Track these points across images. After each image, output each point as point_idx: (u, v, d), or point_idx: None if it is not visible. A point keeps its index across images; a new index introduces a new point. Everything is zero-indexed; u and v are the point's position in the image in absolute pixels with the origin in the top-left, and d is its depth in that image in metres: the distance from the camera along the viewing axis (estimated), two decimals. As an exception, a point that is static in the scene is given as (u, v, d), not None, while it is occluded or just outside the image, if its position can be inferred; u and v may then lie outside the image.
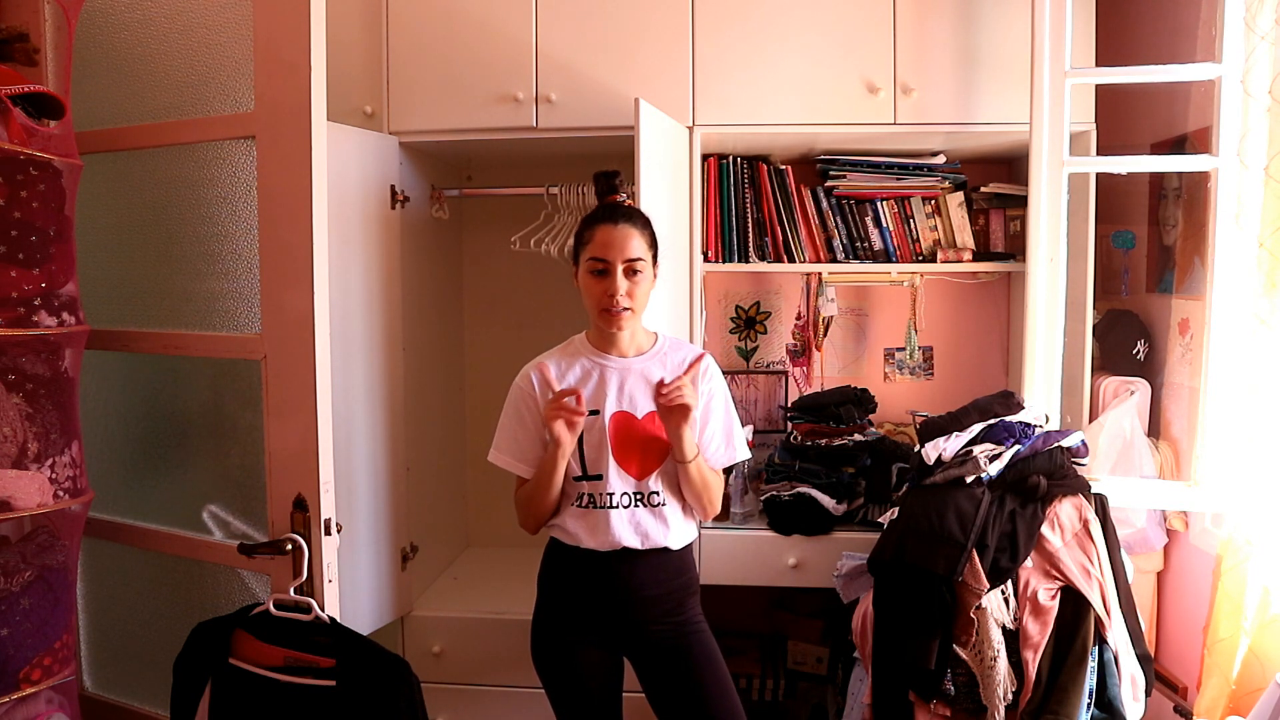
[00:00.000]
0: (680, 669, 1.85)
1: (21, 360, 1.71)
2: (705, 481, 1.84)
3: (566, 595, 1.86)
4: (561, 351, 1.91)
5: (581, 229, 1.85)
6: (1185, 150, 2.28)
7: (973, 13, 2.42)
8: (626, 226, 1.79)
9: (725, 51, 2.46)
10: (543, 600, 1.91)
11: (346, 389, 2.25)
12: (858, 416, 2.59)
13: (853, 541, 2.41)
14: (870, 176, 2.71)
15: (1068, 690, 1.82)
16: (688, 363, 1.87)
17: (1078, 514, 1.94)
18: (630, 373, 1.85)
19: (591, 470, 1.82)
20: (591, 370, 1.85)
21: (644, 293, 1.82)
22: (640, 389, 1.84)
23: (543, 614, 1.90)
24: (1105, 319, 2.53)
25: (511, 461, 1.88)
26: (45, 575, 1.74)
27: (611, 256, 1.77)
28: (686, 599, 1.89)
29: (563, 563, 1.87)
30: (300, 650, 1.66)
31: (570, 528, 1.83)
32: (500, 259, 2.96)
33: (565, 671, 1.86)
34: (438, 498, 2.87)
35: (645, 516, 1.82)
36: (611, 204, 1.86)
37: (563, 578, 1.87)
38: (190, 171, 1.89)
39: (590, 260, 1.79)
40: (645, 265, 1.80)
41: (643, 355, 1.87)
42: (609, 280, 1.77)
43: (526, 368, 1.90)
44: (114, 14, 1.93)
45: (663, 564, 1.85)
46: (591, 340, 1.89)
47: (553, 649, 1.87)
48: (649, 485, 1.83)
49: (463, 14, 2.49)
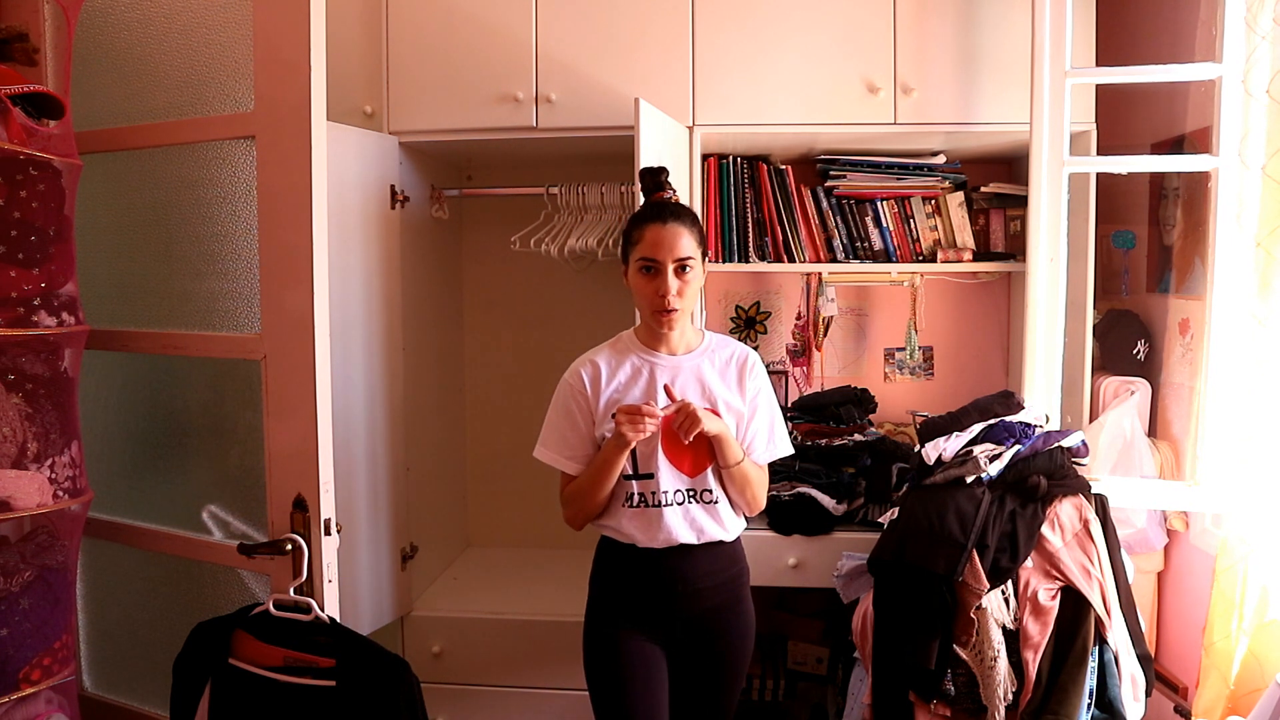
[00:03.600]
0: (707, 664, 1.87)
1: (21, 360, 1.71)
2: (747, 478, 1.85)
3: (621, 590, 1.86)
4: (611, 349, 1.90)
5: (630, 228, 1.83)
6: (1185, 150, 2.28)
7: (973, 13, 2.42)
8: (676, 225, 1.78)
9: (725, 51, 2.46)
10: (596, 597, 1.91)
11: (346, 389, 2.25)
12: (858, 416, 2.59)
13: (853, 541, 2.41)
14: (870, 176, 2.71)
15: (1068, 690, 1.82)
16: (735, 362, 1.88)
17: (1078, 514, 1.94)
18: (681, 371, 1.85)
19: (643, 469, 1.81)
20: (641, 368, 1.85)
21: (694, 291, 1.82)
22: (691, 386, 1.84)
23: (596, 609, 1.90)
24: (1105, 319, 2.53)
25: (559, 459, 1.86)
26: (45, 575, 1.74)
27: (661, 256, 1.76)
28: (740, 590, 1.90)
29: (617, 561, 1.87)
30: (300, 650, 1.66)
31: (625, 528, 1.83)
32: (500, 259, 2.96)
33: (611, 657, 1.84)
34: (438, 498, 2.87)
35: (699, 513, 1.83)
36: (659, 202, 1.84)
37: (617, 575, 1.87)
38: (190, 171, 1.88)
39: (640, 260, 1.78)
40: (695, 264, 1.80)
41: (692, 353, 1.87)
42: (660, 280, 1.77)
43: (576, 364, 1.89)
44: (114, 14, 1.93)
45: (717, 555, 1.86)
46: (641, 338, 1.88)
47: (603, 638, 1.86)
48: (702, 482, 1.83)
49: (463, 14, 2.49)
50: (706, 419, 1.75)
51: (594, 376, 1.84)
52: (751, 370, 1.89)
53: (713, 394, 1.84)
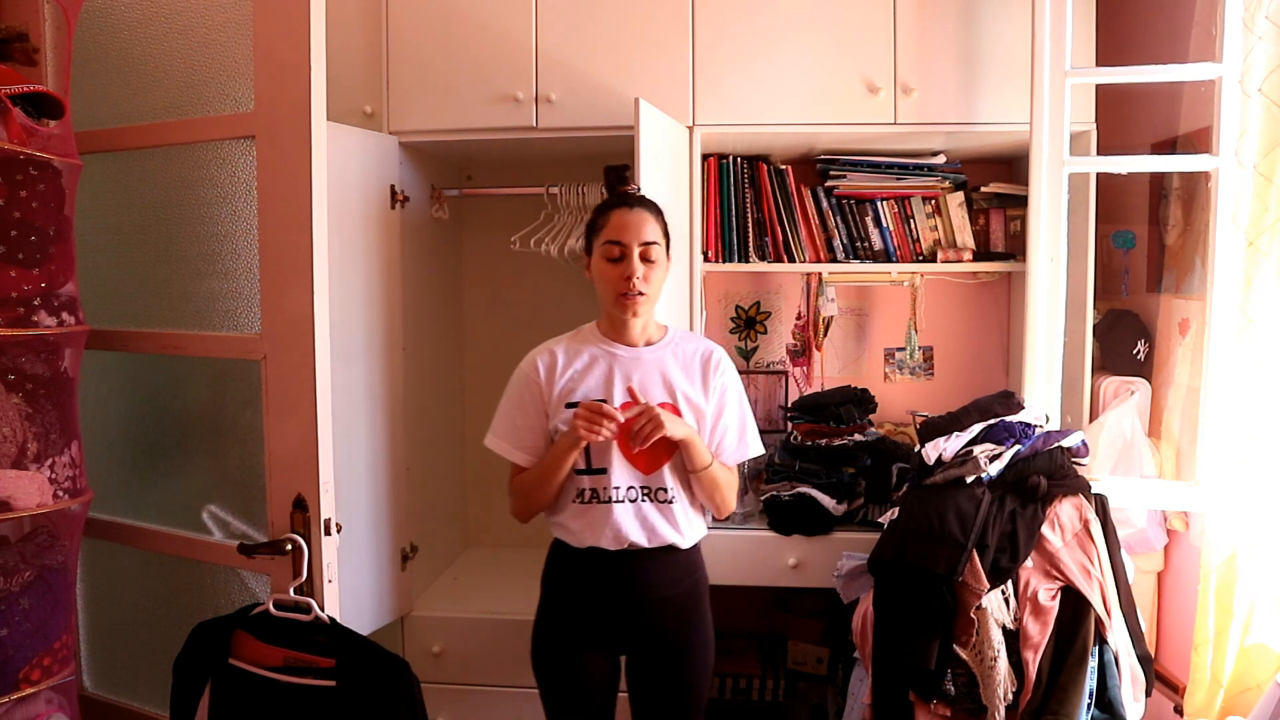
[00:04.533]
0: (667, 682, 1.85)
1: (21, 360, 1.71)
2: (716, 482, 1.82)
3: (572, 596, 1.83)
4: (570, 339, 1.88)
5: (594, 217, 1.84)
6: (1184, 150, 2.28)
7: (973, 13, 2.42)
8: (641, 211, 1.79)
9: (725, 51, 2.46)
10: (546, 602, 1.88)
11: (346, 389, 2.25)
12: (858, 416, 2.59)
13: (853, 541, 2.41)
14: (870, 176, 2.71)
15: (1068, 690, 1.82)
16: (699, 356, 1.86)
17: (1078, 514, 1.94)
18: (640, 363, 1.82)
19: (596, 464, 1.78)
20: (600, 358, 1.83)
21: (658, 280, 1.81)
22: (653, 379, 1.81)
23: (546, 616, 1.87)
24: (1105, 319, 2.53)
25: (509, 448, 1.85)
26: (45, 575, 1.74)
27: (627, 239, 1.76)
28: (698, 604, 1.87)
29: (568, 564, 1.84)
30: (300, 650, 1.66)
31: (573, 526, 1.80)
32: (500, 259, 2.96)
33: (565, 675, 1.84)
34: (438, 498, 2.87)
35: (651, 512, 1.79)
36: (624, 192, 1.86)
37: (569, 579, 1.84)
38: (190, 171, 1.88)
39: (606, 245, 1.78)
40: (660, 251, 1.79)
41: (653, 346, 1.85)
42: (626, 263, 1.76)
43: (533, 353, 1.88)
44: (114, 14, 1.93)
45: (673, 563, 1.83)
46: (602, 329, 1.87)
47: (555, 652, 1.84)
48: (658, 480, 1.79)
49: (462, 14, 2.49)
50: (671, 423, 1.71)
51: (550, 365, 1.82)
52: (717, 367, 1.86)
53: (673, 387, 1.81)
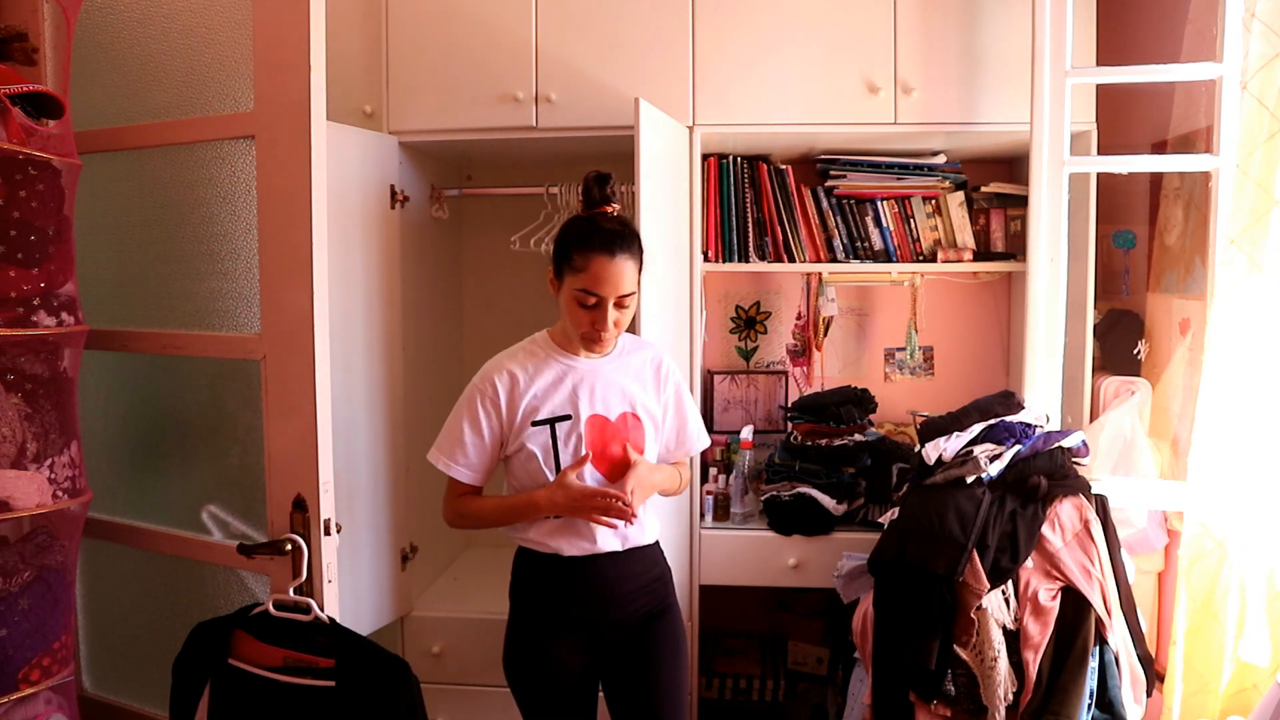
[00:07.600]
0: (642, 662, 1.85)
1: (20, 360, 1.71)
2: (676, 483, 1.92)
3: (546, 603, 1.82)
4: (526, 354, 1.83)
5: (571, 246, 1.72)
6: (1176, 150, 2.28)
7: (973, 12, 2.42)
8: (623, 259, 1.70)
9: (725, 51, 2.46)
10: (519, 611, 1.86)
11: (346, 389, 2.25)
12: (858, 416, 2.59)
13: (853, 541, 2.41)
14: (870, 176, 2.71)
15: (1068, 691, 1.82)
16: (650, 365, 1.87)
17: (1078, 514, 1.94)
18: (599, 375, 1.81)
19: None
20: (565, 374, 1.80)
21: (629, 316, 1.79)
22: (612, 392, 1.81)
23: (520, 624, 1.85)
24: (1105, 319, 2.53)
25: (452, 465, 1.81)
26: (44, 576, 1.74)
27: (605, 293, 1.70)
28: (667, 593, 1.90)
29: (540, 572, 1.82)
30: (300, 650, 1.66)
31: (549, 541, 1.79)
32: (500, 259, 2.95)
33: (541, 672, 1.82)
34: (438, 498, 2.85)
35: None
36: (608, 231, 1.72)
37: (541, 587, 1.83)
38: (190, 171, 1.88)
39: (580, 292, 1.71)
40: (635, 294, 1.76)
41: (609, 357, 1.85)
42: (599, 314, 1.72)
43: (489, 369, 1.82)
44: (114, 14, 1.93)
45: (639, 558, 1.85)
46: (557, 339, 1.84)
47: (532, 657, 1.82)
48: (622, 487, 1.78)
49: (462, 14, 2.49)
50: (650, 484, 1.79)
51: (510, 387, 1.78)
52: (667, 375, 1.89)
53: (632, 399, 1.82)
